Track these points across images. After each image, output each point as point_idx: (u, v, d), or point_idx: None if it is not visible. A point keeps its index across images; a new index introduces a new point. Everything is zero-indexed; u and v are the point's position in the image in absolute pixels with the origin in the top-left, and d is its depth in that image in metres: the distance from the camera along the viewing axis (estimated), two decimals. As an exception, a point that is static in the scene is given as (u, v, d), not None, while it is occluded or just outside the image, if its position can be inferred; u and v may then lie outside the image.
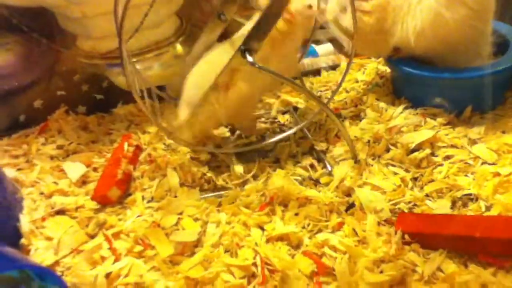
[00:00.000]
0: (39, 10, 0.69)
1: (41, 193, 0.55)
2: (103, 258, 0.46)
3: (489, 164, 0.53)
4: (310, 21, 0.56)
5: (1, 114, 0.71)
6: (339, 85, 0.58)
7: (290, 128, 0.62)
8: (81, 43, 0.74)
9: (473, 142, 0.56)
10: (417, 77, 0.59)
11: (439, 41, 0.56)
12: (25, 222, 0.50)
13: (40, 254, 0.47)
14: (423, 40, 0.56)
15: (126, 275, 0.44)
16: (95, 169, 0.59)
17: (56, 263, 0.46)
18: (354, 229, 0.46)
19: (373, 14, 0.58)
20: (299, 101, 0.68)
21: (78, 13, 0.67)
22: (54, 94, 0.73)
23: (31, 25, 0.80)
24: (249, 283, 0.43)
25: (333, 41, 0.82)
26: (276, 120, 0.66)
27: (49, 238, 0.49)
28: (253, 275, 0.43)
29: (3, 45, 0.74)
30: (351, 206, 0.50)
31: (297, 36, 0.56)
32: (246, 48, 0.49)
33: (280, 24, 0.53)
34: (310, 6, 0.54)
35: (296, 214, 0.49)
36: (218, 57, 0.56)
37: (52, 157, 0.62)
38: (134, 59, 0.68)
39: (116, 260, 0.46)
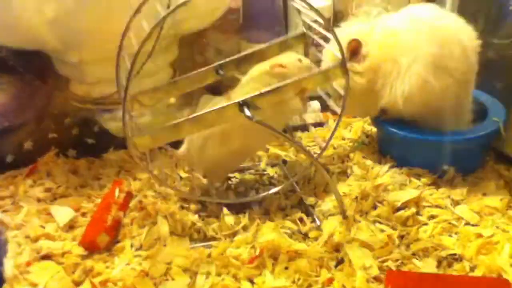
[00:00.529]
0: (34, 51, 0.70)
1: (27, 237, 0.55)
2: (89, 307, 0.46)
3: (472, 225, 0.55)
4: (301, 72, 0.57)
5: (-12, 152, 0.71)
6: (328, 141, 0.60)
7: (279, 181, 0.63)
8: (75, 87, 0.75)
9: (456, 203, 0.58)
10: (402, 138, 0.62)
11: (425, 106, 0.59)
12: (9, 266, 0.49)
13: (24, 301, 0.46)
14: (411, 104, 0.59)
15: (113, 326, 0.43)
16: (83, 214, 0.59)
17: (40, 310, 0.45)
18: (344, 286, 0.47)
19: (364, 76, 0.62)
20: (288, 155, 0.70)
21: (75, 58, 0.69)
22: (44, 135, 0.73)
23: (26, 66, 0.81)
24: (239, 337, 0.42)
25: (319, 98, 0.85)
26: (265, 173, 0.67)
27: (33, 284, 0.48)
28: (243, 330, 0.43)
29: (-2, 85, 0.75)
30: (340, 261, 0.50)
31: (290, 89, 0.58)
32: (244, 103, 0.51)
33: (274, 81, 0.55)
34: (300, 60, 0.58)
35: (286, 268, 0.49)
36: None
37: (39, 200, 0.61)
38: (127, 106, 0.69)
39: (102, 310, 0.45)
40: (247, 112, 0.50)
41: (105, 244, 0.53)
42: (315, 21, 0.60)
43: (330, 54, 0.62)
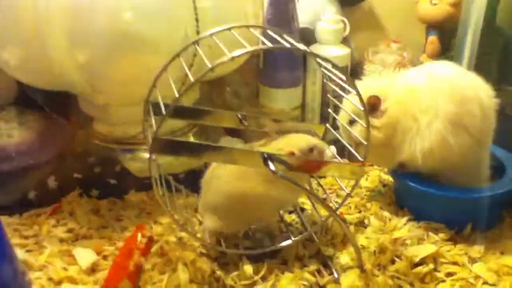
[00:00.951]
0: (61, 91, 0.73)
1: (50, 279, 0.56)
2: None
3: (490, 285, 0.55)
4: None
5: (14, 190, 0.72)
6: (347, 196, 0.60)
7: (297, 228, 0.64)
8: (98, 126, 0.78)
9: (473, 260, 0.58)
10: (420, 192, 0.63)
11: (444, 162, 0.60)
12: (33, 310, 0.50)
13: None
14: (430, 160, 0.60)
15: None
16: (105, 257, 0.60)
17: None
18: None
19: (382, 130, 0.63)
20: (305, 202, 0.71)
21: (101, 101, 0.71)
22: (68, 174, 0.75)
23: (51, 104, 0.84)
24: None
25: (336, 143, 0.87)
26: (283, 220, 0.68)
27: (56, 330, 0.49)
28: None
29: (24, 123, 0.77)
30: (359, 318, 0.51)
31: None
32: (268, 157, 0.52)
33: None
34: (312, 149, 0.57)
35: (305, 323, 0.50)
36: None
37: (62, 240, 0.63)
38: (146, 147, 0.71)
39: None
40: (271, 166, 0.52)
41: (127, 290, 0.54)
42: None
43: (350, 104, 0.64)
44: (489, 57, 0.83)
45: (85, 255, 0.59)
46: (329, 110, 0.67)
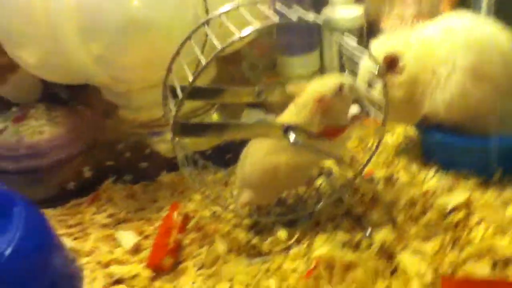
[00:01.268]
0: (84, 84, 0.75)
1: (98, 262, 0.59)
2: (163, 326, 0.49)
3: (524, 225, 0.55)
4: (345, 101, 0.58)
5: (52, 183, 0.76)
6: (373, 154, 0.60)
7: (325, 191, 0.65)
8: (123, 113, 0.80)
9: (506, 203, 0.58)
10: (448, 144, 0.63)
11: (467, 113, 0.60)
12: (87, 292, 0.53)
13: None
14: (452, 112, 0.60)
15: None
16: (146, 237, 0.63)
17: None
18: (400, 293, 0.49)
19: (402, 88, 0.63)
20: (333, 164, 0.72)
21: (123, 89, 0.73)
22: (101, 162, 0.78)
23: (76, 98, 0.87)
24: None
25: (360, 102, 0.86)
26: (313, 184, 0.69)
27: (111, 308, 0.52)
28: None
29: (52, 118, 0.80)
30: (395, 270, 0.52)
31: (341, 114, 0.59)
32: (288, 128, 0.54)
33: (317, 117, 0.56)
34: (341, 87, 0.56)
35: (343, 279, 0.52)
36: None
37: (104, 226, 0.66)
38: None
39: (176, 328, 0.49)
40: (292, 137, 0.53)
41: (170, 266, 0.57)
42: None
43: (367, 66, 0.63)
44: (509, 4, 0.80)
45: (127, 237, 0.62)
46: (346, 73, 0.67)
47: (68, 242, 0.61)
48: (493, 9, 0.77)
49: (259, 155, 0.58)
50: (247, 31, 0.47)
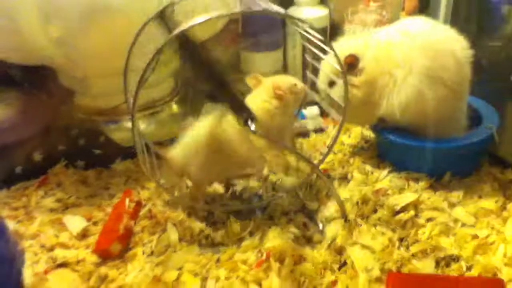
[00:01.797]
0: (39, 66, 0.72)
1: (42, 246, 0.57)
2: (105, 313, 0.48)
3: (468, 226, 0.57)
4: (298, 95, 0.61)
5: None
6: (329, 151, 0.62)
7: (281, 186, 0.66)
8: (79, 99, 0.77)
9: (452, 205, 0.60)
10: (401, 145, 0.64)
11: (421, 115, 0.62)
12: (28, 275, 0.51)
13: (44, 308, 0.48)
14: (407, 114, 0.62)
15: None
16: (95, 223, 0.61)
17: (59, 317, 0.47)
18: (347, 287, 0.49)
19: (361, 88, 0.64)
20: (290, 161, 0.72)
21: (80, 74, 0.71)
22: (53, 147, 0.75)
23: (31, 81, 0.83)
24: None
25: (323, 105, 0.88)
26: (269, 178, 0.70)
27: (51, 292, 0.50)
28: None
29: (3, 100, 0.76)
30: (343, 264, 0.53)
31: (290, 108, 0.61)
32: (249, 117, 0.54)
33: (274, 101, 0.58)
34: (295, 85, 0.60)
35: (292, 271, 0.52)
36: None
37: (51, 210, 0.63)
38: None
39: (118, 315, 0.48)
40: (252, 126, 0.53)
41: (118, 252, 0.55)
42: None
43: (328, 66, 0.64)
44: (466, 10, 0.84)
45: (75, 222, 0.60)
46: (307, 72, 0.68)
47: (11, 225, 0.59)
48: (450, 15, 0.80)
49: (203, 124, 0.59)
50: (200, 19, 0.47)
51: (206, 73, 0.55)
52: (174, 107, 0.83)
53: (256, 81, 0.60)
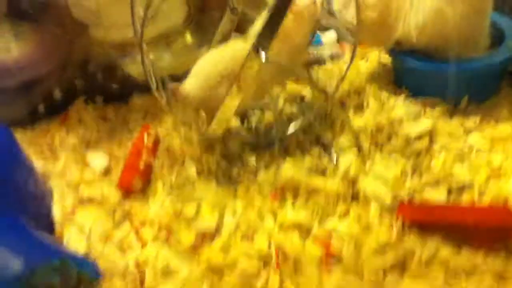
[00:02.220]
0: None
1: (68, 184, 0.60)
2: (131, 245, 0.51)
3: (483, 151, 0.57)
4: (315, 15, 0.59)
5: (21, 105, 0.74)
6: (342, 79, 0.61)
7: (298, 117, 0.66)
8: (93, 32, 0.77)
9: (468, 131, 0.60)
10: (417, 69, 0.63)
11: (440, 36, 0.59)
12: (57, 211, 0.55)
13: (74, 242, 0.52)
14: (425, 36, 0.59)
15: (154, 262, 0.49)
16: (116, 159, 0.63)
17: (89, 251, 0.51)
18: (359, 216, 0.51)
19: (376, 9, 0.61)
20: (306, 90, 0.72)
21: (92, 3, 0.70)
22: (71, 83, 0.76)
23: (43, 14, 0.82)
24: (264, 268, 0.48)
25: (337, 28, 0.85)
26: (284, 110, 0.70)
27: (80, 228, 0.53)
28: (268, 261, 0.48)
29: (18, 34, 0.76)
30: (356, 194, 0.54)
31: (305, 29, 0.59)
32: (259, 45, 0.52)
33: (289, 20, 0.56)
34: (314, 2, 0.57)
35: (306, 202, 0.54)
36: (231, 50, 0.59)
37: (74, 147, 0.66)
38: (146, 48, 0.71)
39: (143, 247, 0.51)
40: (263, 56, 0.52)
41: (140, 187, 0.58)
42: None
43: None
44: None
45: (98, 159, 0.63)
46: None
47: (38, 164, 0.61)
48: None
49: (221, 56, 0.58)
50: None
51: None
52: (188, 37, 0.81)
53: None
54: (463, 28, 0.59)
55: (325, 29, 0.80)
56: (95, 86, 0.77)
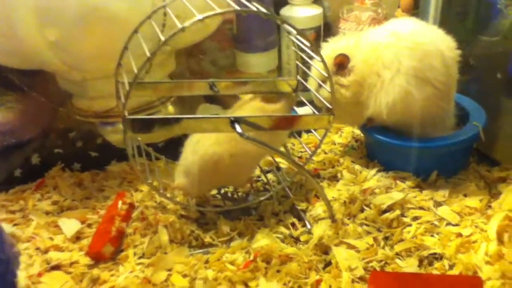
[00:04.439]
0: (38, 70, 0.74)
1: (37, 248, 0.58)
2: (97, 314, 0.50)
3: (453, 225, 0.58)
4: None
5: (-1, 169, 0.74)
6: (316, 149, 0.64)
7: (274, 187, 0.67)
8: (77, 102, 0.79)
9: (438, 204, 0.61)
10: (389, 145, 0.65)
11: (408, 115, 0.63)
12: (22, 277, 0.53)
13: (37, 309, 0.50)
14: (394, 114, 0.63)
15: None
16: (89, 225, 0.63)
17: (52, 318, 0.49)
18: (330, 286, 0.51)
19: (350, 88, 0.65)
20: (282, 161, 0.74)
21: (78, 77, 0.73)
22: (50, 150, 0.77)
23: (30, 84, 0.85)
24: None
25: (313, 103, 0.88)
26: (260, 179, 0.71)
27: (45, 294, 0.52)
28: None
29: (3, 103, 0.78)
30: (328, 264, 0.54)
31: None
32: (235, 120, 0.55)
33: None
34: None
35: (278, 271, 0.53)
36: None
37: (47, 213, 0.65)
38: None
39: (109, 315, 0.49)
40: (238, 128, 0.54)
41: (110, 254, 0.57)
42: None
43: (319, 64, 0.65)
44: (455, 10, 0.84)
45: (70, 225, 0.62)
46: (298, 77, 0.68)
47: (8, 228, 0.60)
48: (439, 16, 0.80)
49: (203, 144, 0.59)
50: (190, 22, 0.48)
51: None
52: (170, 108, 0.84)
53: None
54: (430, 108, 0.63)
55: (302, 103, 0.83)
56: (74, 154, 0.78)
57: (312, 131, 0.71)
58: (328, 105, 0.60)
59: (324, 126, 0.60)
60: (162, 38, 0.49)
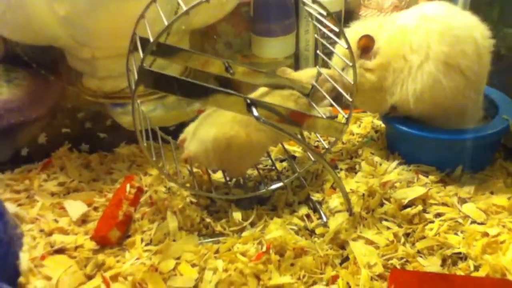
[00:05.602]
0: (48, 47, 0.71)
1: (41, 231, 0.56)
2: (100, 301, 0.47)
3: (478, 223, 0.55)
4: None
5: (5, 147, 0.72)
6: (336, 140, 0.60)
7: (288, 176, 0.64)
8: (87, 81, 0.77)
9: (463, 201, 0.58)
10: (412, 136, 0.62)
11: (436, 105, 0.59)
12: (24, 259, 0.51)
13: (38, 294, 0.48)
14: (421, 103, 0.59)
15: (124, 319, 0.45)
16: (95, 209, 0.60)
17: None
18: (348, 283, 0.48)
19: (375, 72, 0.62)
20: (297, 150, 0.71)
21: (88, 54, 0.70)
22: (58, 130, 0.75)
23: (39, 61, 0.83)
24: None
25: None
26: (274, 168, 0.68)
27: (47, 278, 0.49)
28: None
29: (12, 80, 0.76)
30: (345, 259, 0.51)
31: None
32: (252, 102, 0.52)
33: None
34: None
35: (292, 265, 0.50)
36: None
37: (53, 194, 0.63)
38: (139, 100, 0.70)
39: (112, 304, 0.47)
40: (255, 112, 0.51)
41: (116, 239, 0.54)
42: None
43: (342, 50, 0.62)
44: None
45: (75, 207, 0.60)
46: (318, 52, 0.65)
47: (12, 208, 0.58)
48: (469, 1, 0.76)
49: (221, 120, 0.57)
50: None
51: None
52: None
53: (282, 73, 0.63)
54: (458, 99, 0.59)
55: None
56: (82, 134, 0.75)
57: (318, 136, 0.68)
58: (349, 98, 0.57)
59: (335, 135, 0.58)
60: (184, 8, 0.45)
